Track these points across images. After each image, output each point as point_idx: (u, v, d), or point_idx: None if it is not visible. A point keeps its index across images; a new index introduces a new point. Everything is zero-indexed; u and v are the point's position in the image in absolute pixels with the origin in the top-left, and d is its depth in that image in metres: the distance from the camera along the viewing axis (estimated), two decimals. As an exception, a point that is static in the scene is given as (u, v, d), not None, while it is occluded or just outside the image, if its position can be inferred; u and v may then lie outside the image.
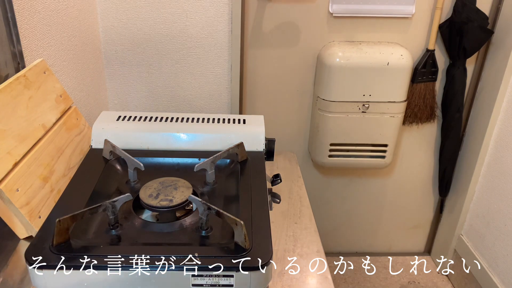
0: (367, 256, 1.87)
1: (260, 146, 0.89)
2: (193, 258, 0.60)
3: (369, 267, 1.81)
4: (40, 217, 0.73)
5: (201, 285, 0.60)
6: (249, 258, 0.60)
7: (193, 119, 0.95)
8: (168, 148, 0.89)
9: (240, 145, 0.85)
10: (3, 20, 0.80)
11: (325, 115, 1.44)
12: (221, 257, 0.60)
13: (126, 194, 0.66)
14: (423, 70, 1.47)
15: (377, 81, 1.39)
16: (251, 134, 0.90)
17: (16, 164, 0.71)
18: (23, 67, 0.85)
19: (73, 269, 0.59)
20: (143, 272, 0.59)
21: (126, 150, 0.82)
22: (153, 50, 1.36)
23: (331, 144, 1.49)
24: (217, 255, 0.61)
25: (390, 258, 1.87)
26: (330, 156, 1.51)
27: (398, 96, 1.42)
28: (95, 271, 0.59)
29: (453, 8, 1.40)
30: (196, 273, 0.59)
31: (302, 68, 1.49)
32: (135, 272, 0.59)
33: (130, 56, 1.37)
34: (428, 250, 1.90)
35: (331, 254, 1.86)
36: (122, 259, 0.60)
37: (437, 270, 1.81)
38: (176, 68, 1.39)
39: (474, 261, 1.58)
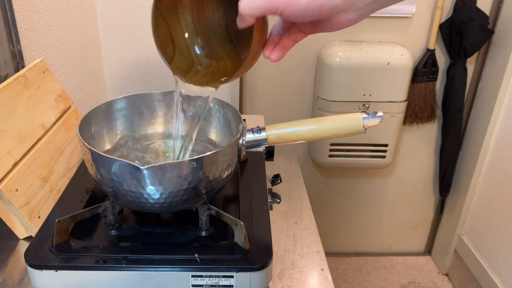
0: (367, 256, 1.87)
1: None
2: (193, 258, 0.60)
3: (369, 267, 1.81)
4: (39, 217, 0.73)
5: (201, 285, 0.59)
6: (249, 259, 0.60)
7: (193, 119, 0.94)
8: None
9: (240, 145, 0.85)
10: (3, 20, 0.80)
11: (326, 115, 1.44)
12: (221, 257, 0.60)
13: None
14: (424, 69, 1.46)
15: (377, 81, 1.39)
16: (251, 134, 0.90)
17: (15, 164, 0.70)
18: (23, 66, 0.85)
19: (72, 270, 0.59)
20: (143, 272, 0.59)
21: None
22: (152, 49, 1.36)
23: (331, 144, 1.49)
24: (217, 256, 0.60)
25: (390, 258, 1.87)
26: (330, 156, 1.51)
27: (399, 96, 1.42)
28: (95, 271, 0.59)
29: (454, 8, 1.39)
30: (196, 273, 0.59)
31: (302, 68, 1.48)
32: (134, 272, 0.59)
33: (130, 55, 1.37)
34: (428, 250, 1.90)
35: (331, 254, 1.86)
36: (122, 259, 0.59)
37: (438, 270, 1.81)
38: (176, 68, 1.39)
39: (475, 261, 1.58)
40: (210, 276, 0.59)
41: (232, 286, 0.60)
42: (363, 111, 0.65)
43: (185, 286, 0.60)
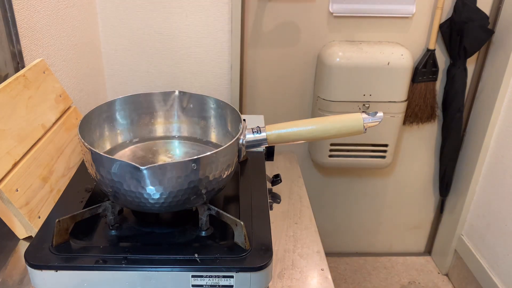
0: (367, 256, 1.87)
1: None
2: (193, 258, 0.60)
3: (369, 267, 1.81)
4: (39, 217, 0.73)
5: (201, 285, 0.59)
6: (249, 259, 0.60)
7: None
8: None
9: (240, 145, 0.85)
10: (3, 20, 0.80)
11: (326, 115, 1.44)
12: (221, 257, 0.60)
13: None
14: (424, 69, 1.46)
15: (377, 81, 1.39)
16: (251, 134, 0.89)
17: (15, 164, 0.70)
18: (23, 66, 0.85)
19: (72, 270, 0.59)
20: (143, 272, 0.59)
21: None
22: (153, 49, 1.36)
23: (331, 144, 1.49)
24: (217, 256, 0.60)
25: (390, 258, 1.86)
26: (330, 156, 1.51)
27: (399, 96, 1.42)
28: (95, 271, 0.59)
29: (454, 8, 1.39)
30: (196, 273, 0.59)
31: (302, 68, 1.48)
32: (134, 272, 0.59)
33: (130, 55, 1.37)
34: (428, 250, 1.90)
35: (331, 254, 1.86)
36: (122, 259, 0.59)
37: (438, 270, 1.81)
38: (176, 68, 1.39)
39: (475, 261, 1.58)
40: (210, 276, 0.59)
41: (232, 286, 0.60)
42: (363, 111, 0.65)
43: (185, 286, 0.60)
